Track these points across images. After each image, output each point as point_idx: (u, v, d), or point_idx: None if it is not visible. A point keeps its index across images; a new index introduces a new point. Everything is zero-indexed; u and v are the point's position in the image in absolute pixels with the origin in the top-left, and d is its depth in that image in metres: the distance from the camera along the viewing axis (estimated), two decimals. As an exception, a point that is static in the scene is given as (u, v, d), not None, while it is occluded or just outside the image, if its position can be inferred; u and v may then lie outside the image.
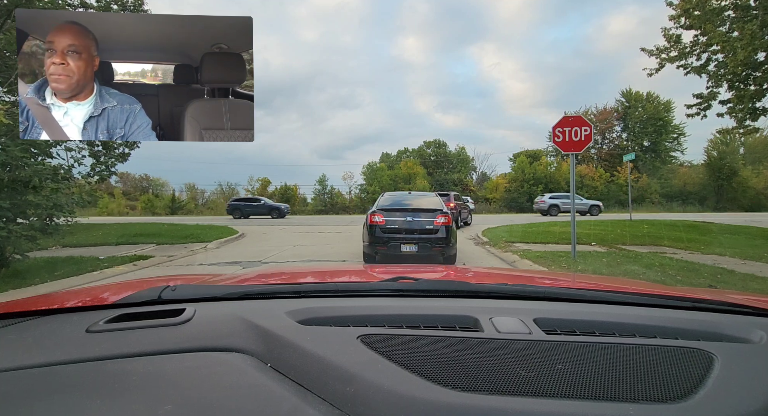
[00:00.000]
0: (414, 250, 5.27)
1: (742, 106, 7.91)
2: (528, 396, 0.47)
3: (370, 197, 32.36)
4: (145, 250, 7.65)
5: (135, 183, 41.21)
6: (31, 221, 4.75)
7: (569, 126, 5.58)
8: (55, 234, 5.02)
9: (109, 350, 0.58)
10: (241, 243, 9.56)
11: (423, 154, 38.91)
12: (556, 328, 0.67)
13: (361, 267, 1.89)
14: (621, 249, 7.08)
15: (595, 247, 7.47)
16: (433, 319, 0.70)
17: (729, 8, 7.55)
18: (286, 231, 12.34)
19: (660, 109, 34.47)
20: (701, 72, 8.51)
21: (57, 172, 5.04)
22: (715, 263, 5.58)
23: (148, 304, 0.79)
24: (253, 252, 7.77)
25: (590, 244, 7.81)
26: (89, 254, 6.65)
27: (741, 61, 6.96)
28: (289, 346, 0.58)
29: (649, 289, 1.07)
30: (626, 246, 7.61)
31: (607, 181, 32.17)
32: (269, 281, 1.20)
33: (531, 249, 7.13)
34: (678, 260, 5.79)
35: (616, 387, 0.49)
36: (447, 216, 5.47)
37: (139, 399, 0.47)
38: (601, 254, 6.52)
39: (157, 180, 41.58)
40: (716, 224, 12.12)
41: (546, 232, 9.94)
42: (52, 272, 4.88)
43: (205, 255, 7.51)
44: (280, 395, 0.47)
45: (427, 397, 0.46)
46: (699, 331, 0.67)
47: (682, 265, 5.31)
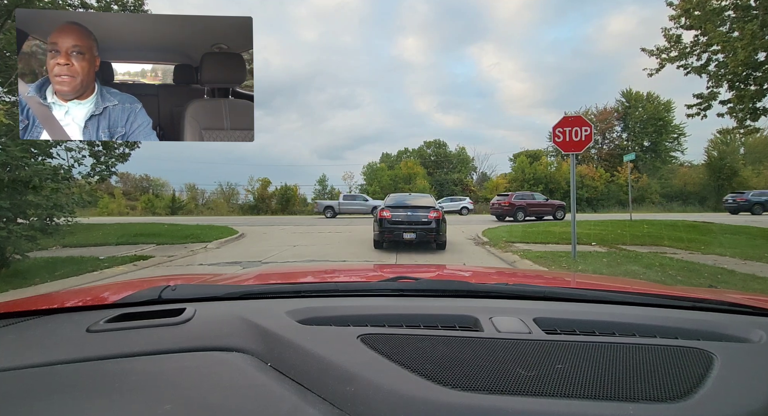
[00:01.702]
0: (413, 237, 7.09)
1: (743, 106, 7.90)
2: (528, 396, 0.47)
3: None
4: (145, 250, 7.66)
5: (135, 183, 41.21)
6: (31, 221, 4.76)
7: (569, 126, 5.58)
8: (56, 234, 5.03)
9: (109, 349, 0.58)
10: (241, 243, 9.57)
11: (423, 154, 38.89)
12: (556, 328, 0.67)
13: (361, 266, 1.93)
14: (621, 250, 7.08)
15: (595, 247, 7.48)
16: (433, 319, 0.70)
17: (729, 8, 7.54)
18: (286, 232, 12.35)
19: (660, 109, 34.47)
20: (701, 72, 8.50)
21: (57, 172, 5.04)
22: (716, 263, 5.57)
23: (148, 304, 0.79)
24: (253, 252, 7.77)
25: (590, 244, 7.81)
26: (89, 254, 6.65)
27: (741, 61, 6.95)
28: (290, 346, 0.58)
29: (649, 289, 1.07)
30: (626, 246, 7.61)
31: (607, 181, 32.17)
32: (269, 281, 1.19)
33: (531, 250, 7.13)
34: (678, 260, 5.79)
35: (616, 387, 0.49)
36: (438, 212, 7.36)
37: (140, 398, 0.47)
38: (602, 254, 6.52)
39: (158, 180, 41.58)
40: (716, 224, 12.10)
41: (546, 232, 9.94)
42: (52, 272, 4.89)
43: (205, 255, 7.51)
44: (281, 395, 0.47)
45: (427, 397, 0.46)
46: (699, 331, 0.67)
47: (682, 265, 5.30)
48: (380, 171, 35.02)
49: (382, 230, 7.26)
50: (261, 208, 33.44)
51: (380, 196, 29.33)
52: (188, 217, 27.05)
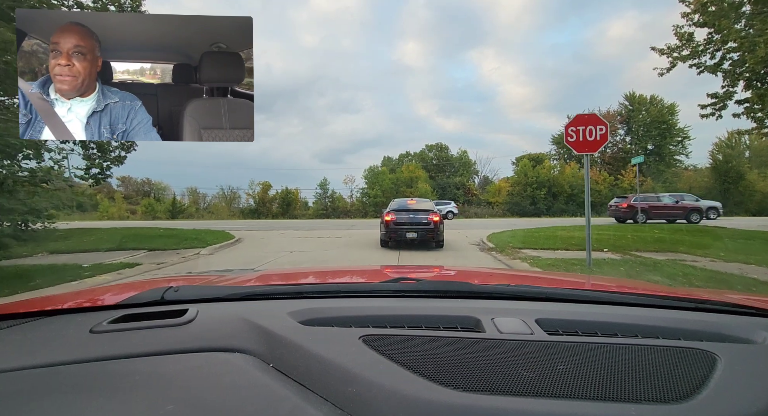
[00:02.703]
0: (415, 236, 8.01)
1: (762, 105, 7.54)
2: (530, 397, 0.47)
3: (371, 201, 32.10)
4: (135, 257, 7.29)
5: (137, 187, 41.52)
6: (1, 227, 4.40)
7: (583, 124, 5.22)
8: (31, 241, 4.67)
9: (112, 350, 0.59)
10: (237, 248, 9.20)
11: (425, 157, 38.59)
12: (558, 329, 0.67)
13: (362, 267, 1.91)
14: (636, 256, 6.68)
15: (608, 254, 7.07)
16: (434, 320, 0.70)
17: (747, 3, 7.21)
18: (284, 236, 11.97)
19: (664, 113, 34.03)
20: (715, 71, 8.16)
21: (35, 174, 4.70)
22: (743, 272, 5.17)
23: (151, 305, 0.79)
24: (247, 258, 7.41)
25: (602, 251, 7.41)
26: (76, 261, 6.29)
27: (762, 58, 6.60)
28: (291, 347, 0.58)
29: (651, 290, 1.05)
30: (641, 252, 7.20)
31: (611, 184, 31.73)
32: (271, 282, 1.18)
33: (540, 257, 6.74)
34: (701, 269, 5.39)
35: (618, 388, 0.49)
36: (437, 214, 8.35)
37: (142, 399, 0.47)
38: (617, 262, 6.12)
39: (159, 184, 41.85)
40: (728, 228, 11.70)
41: (553, 237, 9.55)
42: (27, 282, 4.51)
43: (196, 262, 7.14)
44: (282, 395, 0.47)
45: (428, 397, 0.46)
46: (701, 332, 0.67)
47: (708, 275, 4.91)
48: (382, 174, 34.69)
49: (388, 231, 8.19)
50: (262, 211, 33.24)
51: (382, 200, 29.04)
52: (188, 221, 27.06)
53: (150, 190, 41.43)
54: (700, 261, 6.20)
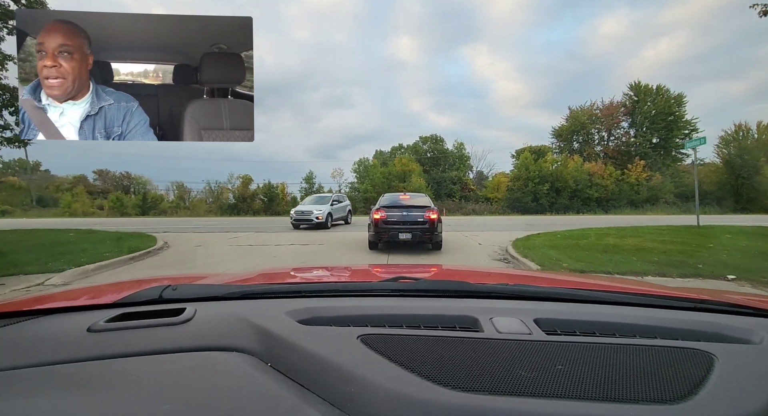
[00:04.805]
0: (409, 237, 6.71)
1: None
2: (528, 397, 0.47)
3: (361, 196, 29.26)
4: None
5: (115, 181, 38.24)
6: None
7: None
8: None
9: (109, 349, 0.59)
10: (130, 269, 5.75)
11: (419, 150, 35.99)
12: (557, 328, 0.67)
13: (361, 267, 1.80)
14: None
15: (732, 283, 4.32)
16: (433, 319, 0.71)
17: None
18: (234, 243, 8.84)
19: (671, 103, 31.97)
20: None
21: None
22: None
23: (149, 304, 0.80)
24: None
25: (726, 278, 4.59)
26: None
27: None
28: (290, 346, 0.58)
29: (649, 290, 1.04)
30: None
31: (617, 179, 29.45)
32: (270, 281, 1.19)
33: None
34: None
35: (616, 388, 0.49)
36: (435, 211, 6.91)
37: (140, 398, 0.47)
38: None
39: (140, 178, 38.89)
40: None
41: (606, 246, 6.84)
42: None
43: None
44: (280, 395, 0.47)
45: (426, 397, 0.46)
46: (699, 332, 0.67)
47: None
48: (373, 168, 31.96)
49: (377, 231, 6.88)
50: (242, 208, 30.39)
51: (372, 195, 26.06)
52: (153, 219, 24.37)
53: (129, 184, 38.13)
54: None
